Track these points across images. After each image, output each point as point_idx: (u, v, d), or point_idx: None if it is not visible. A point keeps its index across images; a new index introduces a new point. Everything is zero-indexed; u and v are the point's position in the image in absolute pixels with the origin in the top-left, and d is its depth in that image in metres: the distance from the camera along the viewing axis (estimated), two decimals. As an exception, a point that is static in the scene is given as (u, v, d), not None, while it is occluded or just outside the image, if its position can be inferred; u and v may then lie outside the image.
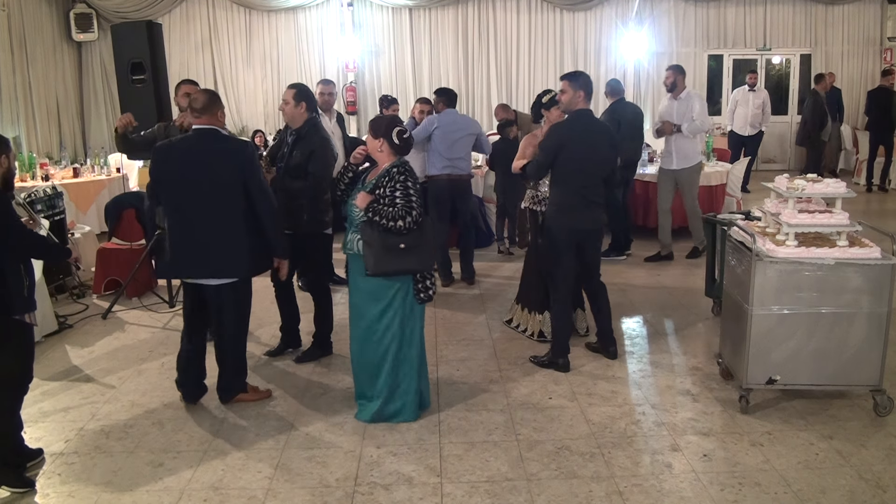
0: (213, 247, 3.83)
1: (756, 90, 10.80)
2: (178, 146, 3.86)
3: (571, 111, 4.46)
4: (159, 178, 3.93)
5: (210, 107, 3.82)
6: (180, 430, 3.86)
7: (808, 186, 3.84)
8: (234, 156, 3.83)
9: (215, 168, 3.78)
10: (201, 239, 3.82)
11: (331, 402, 4.16)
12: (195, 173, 3.77)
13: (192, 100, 3.86)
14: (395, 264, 3.63)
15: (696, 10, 12.52)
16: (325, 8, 11.93)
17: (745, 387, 3.89)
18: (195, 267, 3.91)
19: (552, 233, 4.50)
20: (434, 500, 3.18)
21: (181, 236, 3.85)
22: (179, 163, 3.81)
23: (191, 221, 3.82)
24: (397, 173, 3.70)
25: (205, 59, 11.85)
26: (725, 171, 8.13)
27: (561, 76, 4.59)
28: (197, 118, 3.83)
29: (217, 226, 3.82)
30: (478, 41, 12.31)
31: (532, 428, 3.80)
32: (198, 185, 3.77)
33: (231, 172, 3.79)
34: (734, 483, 3.26)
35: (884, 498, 3.14)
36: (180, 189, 3.81)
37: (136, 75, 5.91)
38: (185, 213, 3.83)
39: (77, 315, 5.76)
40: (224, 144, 3.88)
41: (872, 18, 12.68)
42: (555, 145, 4.38)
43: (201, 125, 3.83)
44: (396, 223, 3.60)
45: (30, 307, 3.26)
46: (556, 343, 4.55)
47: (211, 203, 3.79)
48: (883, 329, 3.76)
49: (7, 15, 9.53)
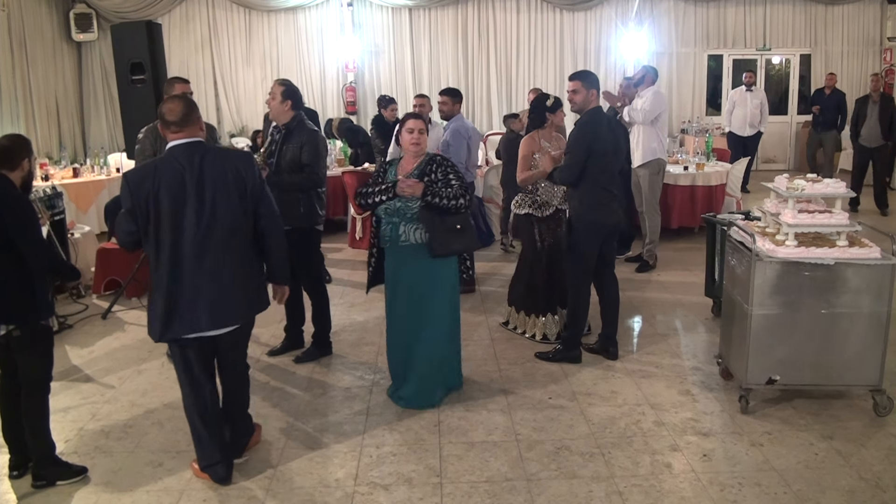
0: (236, 283, 3.18)
1: (754, 90, 10.69)
2: (164, 168, 3.07)
3: (585, 110, 4.45)
4: (146, 211, 3.04)
5: (190, 116, 3.14)
6: (180, 430, 3.86)
7: (807, 186, 3.84)
8: (241, 169, 3.19)
9: (220, 187, 3.11)
10: (218, 278, 3.12)
11: (331, 402, 4.16)
12: (196, 198, 3.06)
13: (167, 111, 3.12)
14: (457, 243, 3.90)
15: (696, 10, 12.51)
16: (324, 8, 11.92)
17: (745, 387, 3.89)
18: (220, 315, 3.16)
19: (581, 230, 4.48)
20: (434, 500, 3.18)
21: (188, 280, 3.09)
22: (177, 189, 3.04)
23: (198, 258, 3.09)
24: (442, 160, 3.99)
25: (204, 59, 11.84)
26: (725, 171, 8.13)
27: (570, 76, 4.55)
28: (176, 132, 3.12)
29: (233, 257, 3.16)
30: (478, 41, 12.30)
31: (532, 428, 3.80)
32: (202, 212, 3.06)
33: (239, 189, 3.16)
34: (734, 483, 3.26)
35: (884, 498, 3.14)
36: (177, 221, 3.05)
37: (135, 75, 5.92)
38: (187, 249, 3.07)
39: (77, 315, 5.76)
40: (224, 157, 3.20)
41: (872, 18, 12.67)
42: (586, 145, 4.35)
43: (184, 140, 3.12)
44: (458, 201, 3.83)
45: (52, 311, 3.36)
46: (575, 335, 4.61)
47: (223, 231, 3.12)
48: (883, 329, 3.76)
49: (7, 15, 9.53)
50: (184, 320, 3.11)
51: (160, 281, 3.10)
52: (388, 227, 3.97)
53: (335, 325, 4.91)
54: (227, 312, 3.18)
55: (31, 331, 3.22)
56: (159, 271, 3.10)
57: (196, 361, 3.25)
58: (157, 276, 3.11)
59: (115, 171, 8.70)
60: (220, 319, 3.17)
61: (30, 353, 3.24)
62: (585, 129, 4.41)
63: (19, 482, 3.37)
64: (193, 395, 3.28)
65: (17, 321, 3.17)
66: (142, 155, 4.67)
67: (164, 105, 3.18)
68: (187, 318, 3.11)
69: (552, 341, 4.90)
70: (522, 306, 5.14)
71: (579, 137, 4.40)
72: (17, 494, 3.30)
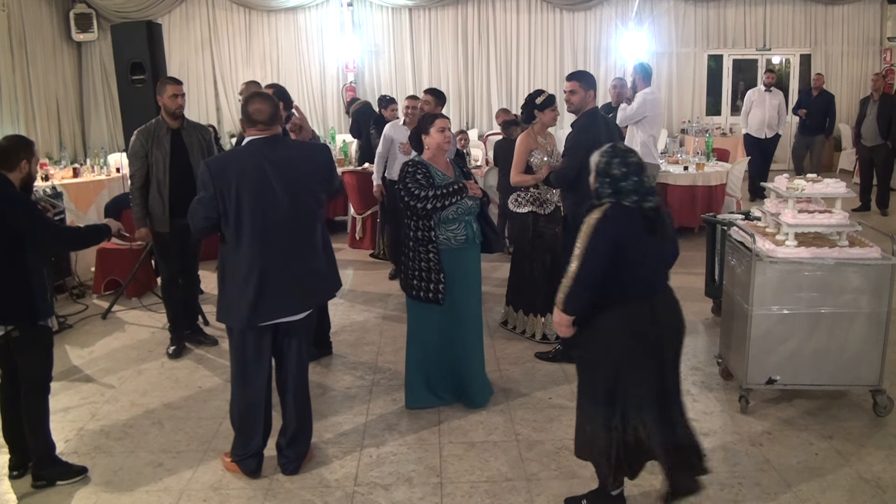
0: (319, 266, 3.30)
1: (772, 91, 9.97)
2: (245, 157, 3.17)
3: (583, 111, 4.43)
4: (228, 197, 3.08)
5: (277, 116, 3.26)
6: (180, 430, 3.86)
7: (807, 186, 3.84)
8: (317, 157, 3.38)
9: (299, 175, 3.22)
10: (305, 261, 3.23)
11: (330, 402, 4.16)
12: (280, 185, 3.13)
13: (255, 112, 3.17)
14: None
15: (696, 10, 12.51)
16: (325, 8, 11.92)
17: (745, 387, 3.89)
18: (308, 298, 3.29)
19: (577, 228, 4.44)
20: (434, 500, 3.18)
21: (275, 265, 3.14)
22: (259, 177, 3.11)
23: (283, 244, 3.16)
24: (457, 159, 4.14)
25: (205, 59, 11.83)
26: (725, 171, 8.13)
27: (568, 76, 4.52)
28: (262, 130, 3.20)
29: (314, 241, 3.28)
30: (478, 41, 12.30)
31: (532, 428, 3.80)
32: (285, 199, 3.14)
33: (315, 176, 3.30)
34: (734, 483, 3.26)
35: (884, 498, 3.14)
36: (261, 207, 3.11)
37: (135, 75, 5.92)
38: (272, 235, 3.14)
39: (77, 315, 5.76)
40: (301, 147, 3.47)
41: (872, 18, 12.66)
42: (585, 147, 4.26)
43: (264, 134, 3.21)
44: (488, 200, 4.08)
45: (51, 311, 3.34)
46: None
47: (304, 216, 3.23)
48: (883, 329, 3.76)
49: (7, 15, 9.52)
50: (273, 305, 3.15)
51: (241, 267, 3.12)
52: (463, 226, 3.88)
53: (335, 324, 4.90)
54: (314, 294, 3.33)
55: (31, 331, 3.22)
56: (239, 258, 3.12)
57: (265, 348, 3.27)
58: (237, 263, 3.13)
59: (115, 171, 8.69)
60: (308, 302, 3.29)
61: (29, 354, 3.24)
62: (585, 132, 4.38)
63: (19, 482, 3.37)
64: (249, 384, 3.28)
65: (16, 322, 3.17)
66: (134, 157, 4.66)
67: (251, 105, 3.20)
68: (277, 302, 3.16)
69: (552, 341, 4.90)
70: (521, 305, 5.14)
71: (579, 140, 4.36)
72: (16, 494, 3.30)
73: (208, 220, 3.13)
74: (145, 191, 4.66)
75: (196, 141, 4.72)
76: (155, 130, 4.65)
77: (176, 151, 4.63)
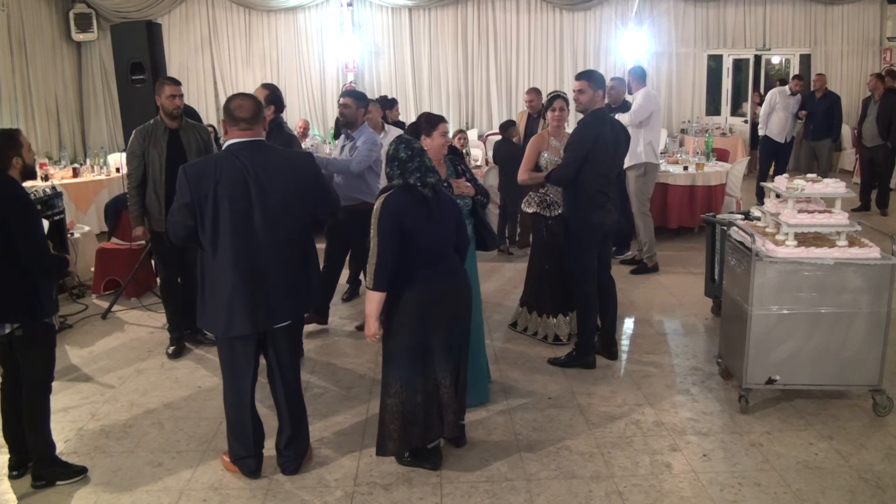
0: (302, 275, 3.24)
1: (796, 95, 9.54)
2: (224, 164, 3.05)
3: (590, 111, 4.43)
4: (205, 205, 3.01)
5: (260, 114, 3.18)
6: (180, 430, 3.86)
7: (807, 186, 3.84)
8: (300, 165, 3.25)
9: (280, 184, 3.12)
10: (280, 274, 3.14)
11: (330, 402, 4.16)
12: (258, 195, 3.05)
13: (236, 107, 3.10)
14: None
15: (696, 10, 12.51)
16: (324, 8, 11.92)
17: (745, 387, 3.89)
18: (291, 306, 3.24)
19: (576, 231, 4.47)
20: (434, 499, 3.18)
21: (258, 274, 3.08)
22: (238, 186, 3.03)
23: (264, 253, 3.09)
24: (452, 158, 4.06)
25: (204, 60, 11.83)
26: (725, 171, 8.13)
27: (577, 75, 4.48)
28: (245, 130, 3.11)
29: (295, 249, 3.20)
30: (478, 41, 12.30)
31: (532, 428, 3.80)
32: (264, 209, 3.06)
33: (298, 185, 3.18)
34: (734, 483, 3.26)
35: (884, 498, 3.14)
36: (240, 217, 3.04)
37: (135, 75, 5.91)
38: (252, 244, 3.07)
39: (76, 315, 5.76)
40: (283, 154, 3.24)
41: (872, 18, 12.66)
42: (586, 147, 4.31)
43: (245, 138, 3.12)
44: (485, 198, 4.03)
45: (56, 309, 3.35)
46: (587, 340, 4.56)
47: (285, 225, 3.14)
48: (883, 329, 3.76)
49: (7, 15, 9.52)
50: (248, 317, 3.09)
51: (218, 277, 3.07)
52: None
53: (335, 325, 4.91)
54: (289, 308, 3.22)
55: (35, 329, 3.21)
56: (216, 267, 3.06)
57: (250, 352, 3.24)
58: (217, 272, 3.07)
59: (114, 171, 8.70)
60: (283, 315, 3.21)
61: (32, 353, 3.23)
62: (588, 130, 4.37)
63: (19, 482, 3.36)
64: (235, 387, 3.28)
65: (20, 320, 3.16)
66: (132, 156, 4.69)
67: (233, 101, 3.13)
68: (253, 314, 3.10)
69: (564, 342, 4.89)
70: (535, 306, 5.11)
71: (581, 138, 4.36)
72: (16, 494, 3.29)
73: (187, 227, 3.06)
74: (142, 190, 4.68)
75: (194, 141, 4.73)
76: (153, 130, 4.66)
77: (173, 151, 4.63)
